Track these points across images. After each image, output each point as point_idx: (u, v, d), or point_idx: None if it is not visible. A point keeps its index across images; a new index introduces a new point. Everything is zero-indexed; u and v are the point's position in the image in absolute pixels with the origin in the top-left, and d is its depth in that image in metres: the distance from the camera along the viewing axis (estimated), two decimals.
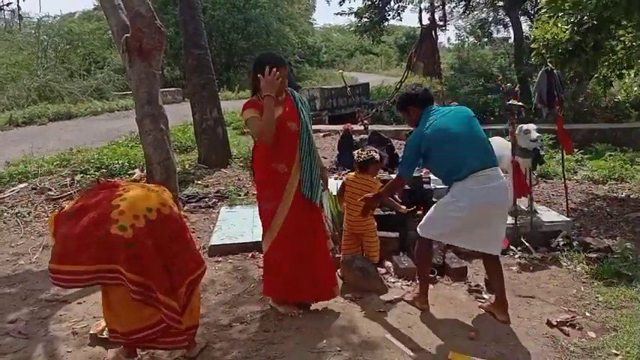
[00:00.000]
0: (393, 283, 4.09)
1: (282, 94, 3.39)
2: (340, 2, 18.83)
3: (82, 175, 7.32)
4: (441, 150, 3.29)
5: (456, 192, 3.31)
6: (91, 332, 3.31)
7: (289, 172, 3.38)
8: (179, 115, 11.63)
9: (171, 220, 2.75)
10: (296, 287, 3.51)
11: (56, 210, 2.92)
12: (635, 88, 14.35)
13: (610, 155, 8.95)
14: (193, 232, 5.41)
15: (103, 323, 3.28)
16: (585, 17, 6.25)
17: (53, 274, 2.65)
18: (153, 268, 2.62)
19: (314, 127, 11.95)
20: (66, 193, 6.64)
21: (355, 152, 4.27)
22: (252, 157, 3.57)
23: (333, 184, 4.94)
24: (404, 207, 4.15)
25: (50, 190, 6.70)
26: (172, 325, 2.70)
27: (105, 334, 3.23)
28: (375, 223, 4.22)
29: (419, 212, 4.21)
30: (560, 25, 6.44)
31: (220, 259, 4.67)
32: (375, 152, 4.19)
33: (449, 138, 3.27)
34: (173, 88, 19.84)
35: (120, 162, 7.83)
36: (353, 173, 4.26)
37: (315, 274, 3.53)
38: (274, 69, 3.22)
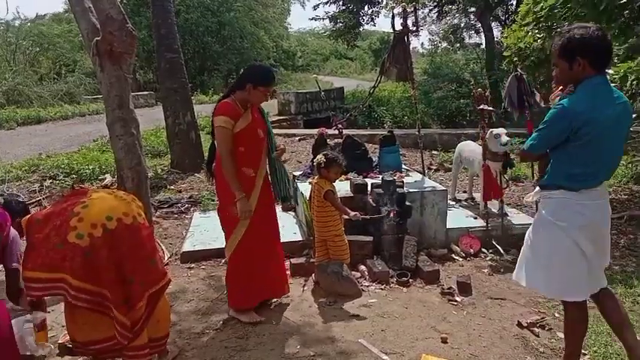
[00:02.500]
0: (367, 286, 4.10)
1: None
2: (315, 7, 18.90)
3: (51, 180, 7.18)
4: (595, 144, 2.43)
5: (559, 207, 2.56)
6: (59, 342, 3.24)
7: (255, 176, 3.49)
8: (152, 119, 11.51)
9: (133, 230, 2.65)
10: (260, 289, 3.61)
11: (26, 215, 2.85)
12: None
13: None
14: (165, 239, 5.36)
15: None
16: (556, 26, 6.40)
17: (25, 281, 2.59)
18: (106, 279, 2.54)
19: (289, 131, 11.93)
20: (35, 199, 6.49)
21: (318, 158, 4.17)
22: (211, 159, 3.61)
23: (307, 188, 4.93)
24: (353, 213, 4.07)
25: (18, 196, 6.53)
26: (120, 341, 2.60)
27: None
28: (342, 228, 4.18)
29: (391, 215, 4.24)
30: (532, 33, 6.57)
31: (193, 265, 4.63)
32: (330, 155, 4.09)
33: (610, 134, 2.45)
34: (146, 92, 19.63)
35: (90, 167, 7.71)
36: (316, 178, 4.19)
37: (274, 273, 3.69)
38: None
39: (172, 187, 7.33)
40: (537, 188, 2.78)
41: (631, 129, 7.65)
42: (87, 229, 2.52)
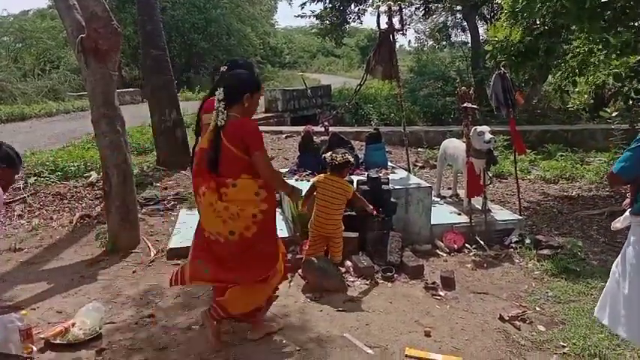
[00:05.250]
0: (353, 282, 4.15)
1: None
2: (302, 5, 18.89)
3: (35, 177, 7.12)
4: None
5: None
6: (42, 336, 3.24)
7: None
8: (137, 116, 11.43)
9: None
10: None
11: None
12: (585, 95, 14.90)
13: (561, 155, 9.30)
14: (151, 235, 5.36)
15: (57, 328, 3.23)
16: (538, 22, 6.50)
17: None
18: None
19: (276, 128, 11.95)
20: (19, 197, 6.45)
21: (328, 155, 4.27)
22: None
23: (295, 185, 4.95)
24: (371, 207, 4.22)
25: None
26: None
27: (58, 340, 3.17)
28: (343, 226, 4.28)
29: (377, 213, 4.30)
30: (513, 27, 6.66)
31: (179, 262, 4.62)
32: (350, 155, 4.25)
33: None
34: (131, 89, 19.47)
35: (75, 164, 7.66)
36: (323, 175, 4.24)
37: None
38: None
39: (158, 184, 7.31)
40: (626, 213, 2.50)
41: (612, 126, 7.81)
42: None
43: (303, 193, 3.71)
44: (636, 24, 5.57)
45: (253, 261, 2.99)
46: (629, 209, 2.43)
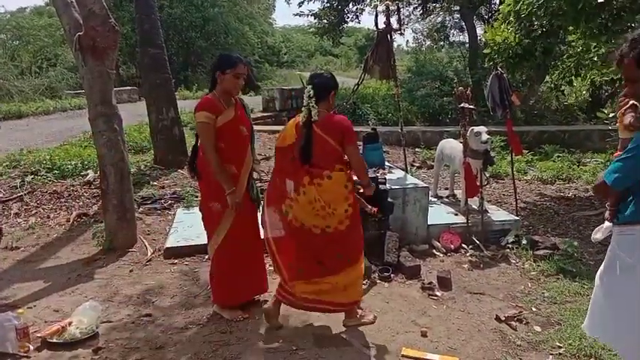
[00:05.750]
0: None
1: (239, 91, 3.47)
2: (299, 4, 18.87)
3: (32, 176, 7.10)
4: None
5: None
6: (39, 335, 3.24)
7: (238, 174, 3.43)
8: (135, 114, 11.42)
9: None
10: (244, 287, 3.60)
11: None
12: (584, 92, 14.97)
13: (558, 156, 9.32)
14: (148, 234, 5.35)
15: (54, 327, 3.23)
16: (536, 24, 6.51)
17: None
18: None
19: (273, 127, 11.91)
20: (16, 195, 6.43)
21: None
22: (194, 155, 3.51)
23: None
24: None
25: None
26: None
27: (55, 339, 3.17)
28: None
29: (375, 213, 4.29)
30: (510, 29, 6.68)
31: (176, 261, 4.64)
32: None
33: None
34: (129, 87, 19.41)
35: (72, 163, 7.64)
36: None
37: (257, 271, 3.70)
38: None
39: (155, 183, 7.30)
40: (607, 224, 2.41)
41: (609, 127, 7.82)
42: (292, 216, 3.18)
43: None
44: (632, 25, 5.58)
45: (346, 250, 3.26)
46: (609, 218, 2.37)
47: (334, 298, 3.29)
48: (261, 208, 3.49)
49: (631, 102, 2.12)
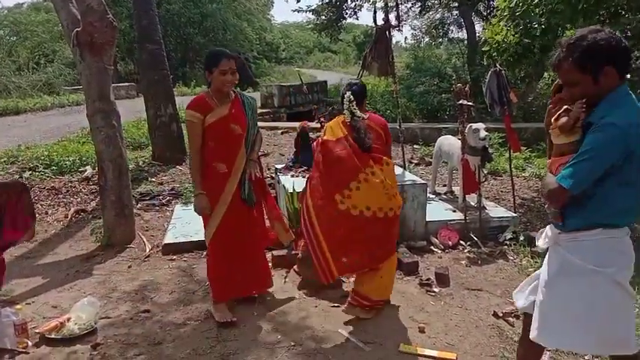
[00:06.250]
0: (348, 278, 4.15)
1: (233, 85, 3.40)
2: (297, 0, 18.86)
3: (30, 172, 7.10)
4: (637, 169, 2.04)
5: (602, 251, 2.10)
6: (37, 331, 3.24)
7: (229, 173, 3.38)
8: (133, 110, 11.41)
9: (378, 220, 3.36)
10: (235, 285, 3.56)
11: None
12: None
13: None
14: (147, 230, 5.36)
15: (53, 323, 3.24)
16: (534, 22, 6.52)
17: None
18: None
19: (272, 124, 11.88)
20: None
21: None
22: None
23: (290, 182, 4.97)
24: None
25: None
26: None
27: (53, 335, 3.18)
28: None
29: None
30: (509, 28, 6.68)
31: (174, 257, 4.64)
32: None
33: None
34: (127, 84, 19.42)
35: (70, 159, 7.64)
36: None
37: (251, 269, 3.65)
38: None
39: (154, 179, 7.30)
40: (550, 231, 2.29)
41: None
42: (350, 205, 3.28)
43: (301, 189, 3.81)
44: (629, 25, 5.59)
45: (394, 238, 3.53)
46: (553, 224, 2.26)
47: (368, 291, 3.44)
48: (305, 205, 3.48)
49: (564, 107, 2.12)
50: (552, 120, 2.18)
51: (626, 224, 2.12)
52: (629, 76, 2.13)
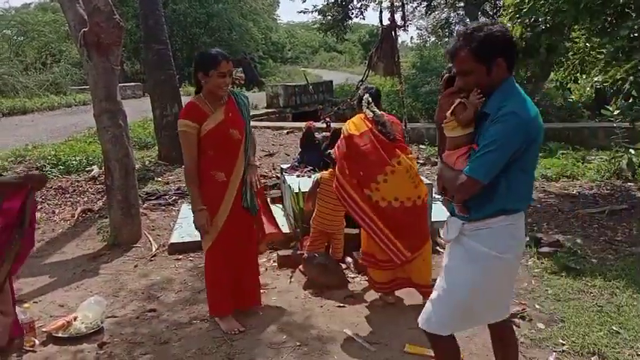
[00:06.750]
0: (353, 278, 4.16)
1: (228, 87, 3.24)
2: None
3: (37, 171, 7.13)
4: (533, 157, 2.18)
5: (504, 237, 2.16)
6: (44, 330, 3.26)
7: (227, 181, 3.23)
8: (139, 110, 11.45)
9: (407, 210, 3.51)
10: (233, 297, 3.42)
11: None
12: (588, 89, 14.90)
13: (563, 154, 9.28)
14: (153, 230, 5.38)
15: (60, 322, 3.25)
16: (540, 19, 6.48)
17: None
18: None
19: (277, 124, 11.89)
20: None
21: (334, 150, 4.24)
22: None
23: (295, 181, 4.97)
24: None
25: None
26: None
27: (60, 333, 3.20)
28: (345, 223, 4.28)
29: None
30: (514, 25, 6.65)
31: (180, 256, 4.66)
32: None
33: (540, 141, 2.16)
34: (133, 83, 19.49)
35: (77, 158, 7.68)
36: (327, 172, 4.18)
37: (247, 282, 3.50)
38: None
39: (160, 179, 7.33)
40: (453, 223, 2.28)
41: (614, 124, 7.79)
42: (378, 197, 3.39)
43: (307, 189, 3.87)
44: (636, 27, 5.54)
45: (425, 225, 3.69)
46: (457, 215, 2.26)
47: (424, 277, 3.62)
48: (351, 200, 3.50)
49: (458, 100, 2.12)
50: (447, 114, 2.16)
51: (524, 208, 2.23)
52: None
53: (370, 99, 3.65)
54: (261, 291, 3.70)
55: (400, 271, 3.64)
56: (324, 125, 6.24)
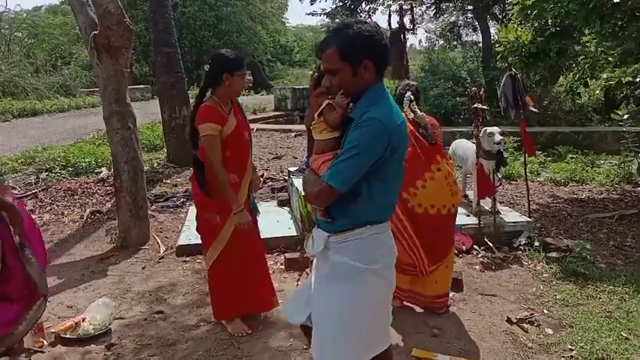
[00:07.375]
0: None
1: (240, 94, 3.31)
2: (311, 2, 18.91)
3: (47, 173, 7.19)
4: (396, 166, 2.06)
5: (371, 248, 2.06)
6: (53, 330, 3.28)
7: (240, 183, 3.25)
8: (148, 113, 11.51)
9: (440, 217, 3.47)
10: (243, 302, 3.38)
11: None
12: (597, 91, 14.81)
13: (572, 158, 9.23)
14: (161, 232, 5.40)
15: (68, 323, 3.27)
16: (549, 22, 6.47)
17: None
18: None
19: (285, 126, 11.90)
20: (30, 192, 6.51)
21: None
22: (198, 164, 3.22)
23: (302, 184, 4.97)
24: None
25: (14, 188, 6.56)
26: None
27: (68, 334, 3.21)
28: None
29: None
30: (523, 28, 6.64)
31: (188, 259, 4.67)
32: None
33: (403, 151, 2.07)
34: (142, 86, 19.60)
35: (86, 160, 7.73)
36: None
37: (259, 285, 3.46)
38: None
39: (168, 181, 7.36)
40: (318, 235, 2.14)
41: (623, 128, 7.73)
42: (415, 203, 3.35)
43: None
44: None
45: (452, 232, 3.65)
46: (322, 227, 2.13)
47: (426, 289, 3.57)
48: None
49: (326, 102, 2.01)
50: (316, 115, 2.06)
51: (388, 219, 2.11)
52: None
53: (412, 97, 3.52)
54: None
55: (418, 285, 3.57)
56: None
